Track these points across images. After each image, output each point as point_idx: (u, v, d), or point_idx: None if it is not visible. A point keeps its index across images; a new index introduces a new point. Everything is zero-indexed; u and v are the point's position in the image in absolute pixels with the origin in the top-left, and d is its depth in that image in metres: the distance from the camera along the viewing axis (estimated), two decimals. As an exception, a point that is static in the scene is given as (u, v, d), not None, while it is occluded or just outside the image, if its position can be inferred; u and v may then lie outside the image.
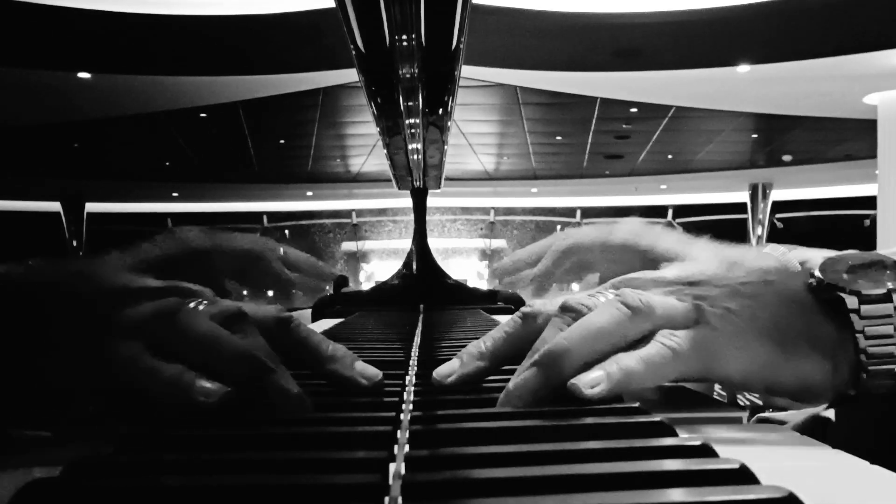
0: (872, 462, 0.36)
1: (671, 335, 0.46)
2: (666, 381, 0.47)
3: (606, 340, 0.46)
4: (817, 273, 0.48)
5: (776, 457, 0.38)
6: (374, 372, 0.49)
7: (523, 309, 0.51)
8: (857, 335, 0.46)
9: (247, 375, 0.43)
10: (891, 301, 0.46)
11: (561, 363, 0.44)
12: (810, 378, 0.47)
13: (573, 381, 0.43)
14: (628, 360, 0.44)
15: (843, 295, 0.47)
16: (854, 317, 0.46)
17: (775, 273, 0.51)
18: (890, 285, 0.46)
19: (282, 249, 0.73)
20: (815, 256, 0.65)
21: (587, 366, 0.45)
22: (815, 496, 0.30)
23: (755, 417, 0.64)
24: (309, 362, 0.49)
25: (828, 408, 0.60)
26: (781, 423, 0.64)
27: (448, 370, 0.49)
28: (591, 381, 0.43)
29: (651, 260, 0.65)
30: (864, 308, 0.46)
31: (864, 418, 0.53)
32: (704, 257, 0.61)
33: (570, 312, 0.48)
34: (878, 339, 0.46)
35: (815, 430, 0.56)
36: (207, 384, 0.41)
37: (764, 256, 0.61)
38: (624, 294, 0.47)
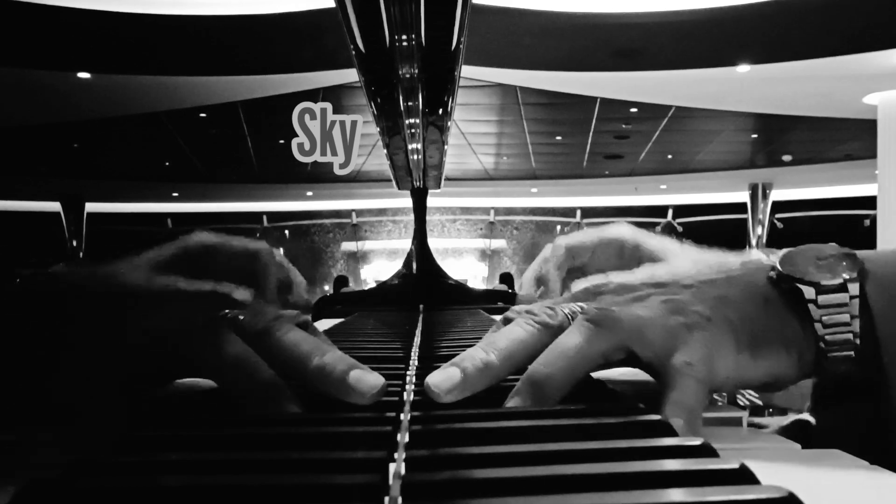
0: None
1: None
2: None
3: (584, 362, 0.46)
4: (777, 266, 0.50)
5: (775, 456, 0.38)
6: (373, 382, 0.43)
7: (541, 318, 0.49)
8: (816, 324, 0.48)
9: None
10: (846, 291, 0.48)
11: (543, 390, 0.44)
12: (776, 371, 0.49)
13: None
14: None
15: (801, 286, 0.48)
16: (812, 307, 0.48)
17: (739, 268, 0.52)
18: (845, 276, 0.48)
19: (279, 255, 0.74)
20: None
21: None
22: (815, 496, 0.30)
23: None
24: (291, 372, 0.44)
25: (809, 412, 0.61)
26: (763, 427, 0.65)
27: (449, 384, 0.43)
28: None
29: (637, 259, 0.70)
30: (821, 298, 0.48)
31: (842, 421, 0.54)
32: (678, 259, 0.65)
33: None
34: (835, 328, 0.47)
35: (796, 433, 0.57)
36: None
37: (734, 256, 0.64)
38: (591, 313, 0.47)
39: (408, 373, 0.60)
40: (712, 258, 0.62)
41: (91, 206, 12.99)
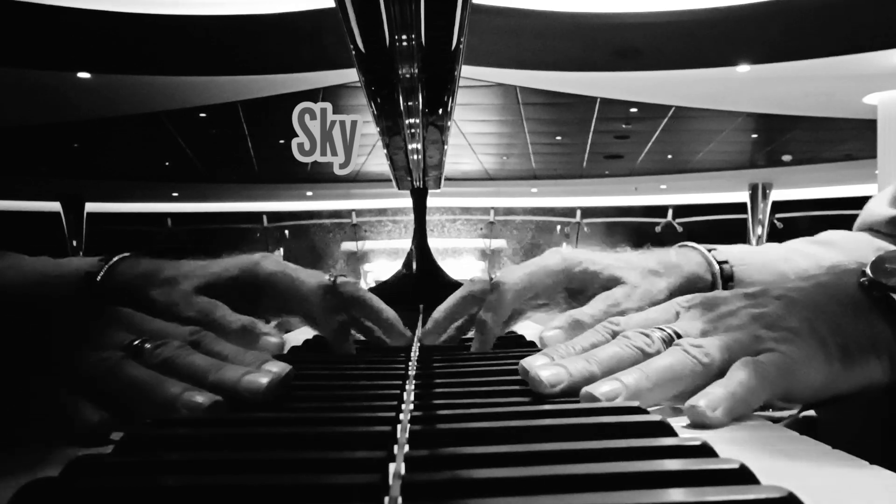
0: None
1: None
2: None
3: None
4: (868, 272, 0.49)
5: (776, 456, 0.38)
6: (261, 381, 0.47)
7: (639, 343, 0.52)
8: None
9: None
10: None
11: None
12: (869, 382, 0.48)
13: (693, 402, 0.44)
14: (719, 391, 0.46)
15: (894, 295, 0.48)
16: None
17: (827, 274, 0.53)
18: None
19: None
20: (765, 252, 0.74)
21: None
22: (815, 496, 0.30)
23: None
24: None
25: (813, 408, 0.61)
26: (778, 420, 0.64)
27: (555, 379, 0.48)
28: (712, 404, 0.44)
29: (587, 280, 0.73)
30: None
31: (846, 418, 0.55)
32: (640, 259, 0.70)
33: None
34: None
35: (801, 430, 0.57)
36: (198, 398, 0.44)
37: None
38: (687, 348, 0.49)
39: (408, 373, 0.60)
40: (663, 257, 0.69)
41: (91, 206, 12.98)
